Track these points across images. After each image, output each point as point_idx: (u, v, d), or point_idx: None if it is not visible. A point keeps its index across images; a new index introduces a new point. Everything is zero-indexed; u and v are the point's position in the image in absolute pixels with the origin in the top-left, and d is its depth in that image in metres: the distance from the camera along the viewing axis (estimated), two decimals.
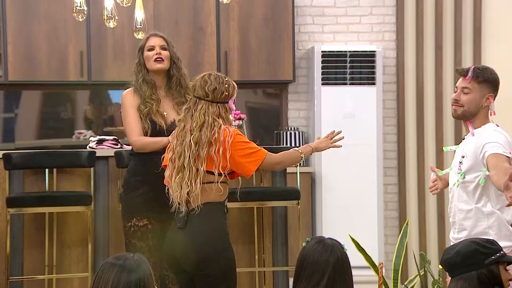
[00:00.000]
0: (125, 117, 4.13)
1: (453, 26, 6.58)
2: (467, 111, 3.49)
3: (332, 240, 2.93)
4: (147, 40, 4.18)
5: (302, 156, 3.66)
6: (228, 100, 3.53)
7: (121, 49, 6.21)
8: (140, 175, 4.07)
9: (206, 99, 3.50)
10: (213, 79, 3.53)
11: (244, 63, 6.40)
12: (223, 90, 3.51)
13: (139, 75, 4.12)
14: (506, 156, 3.27)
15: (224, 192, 3.50)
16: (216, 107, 3.50)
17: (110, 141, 5.31)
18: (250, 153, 3.47)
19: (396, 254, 4.79)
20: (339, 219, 6.25)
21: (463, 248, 2.69)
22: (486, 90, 3.47)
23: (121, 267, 2.38)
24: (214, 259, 3.41)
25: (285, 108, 6.78)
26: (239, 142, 3.46)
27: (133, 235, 4.03)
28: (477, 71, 3.49)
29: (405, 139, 6.58)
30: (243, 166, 3.47)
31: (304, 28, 6.71)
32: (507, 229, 3.39)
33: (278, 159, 3.59)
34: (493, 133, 3.41)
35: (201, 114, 3.47)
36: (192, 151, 3.44)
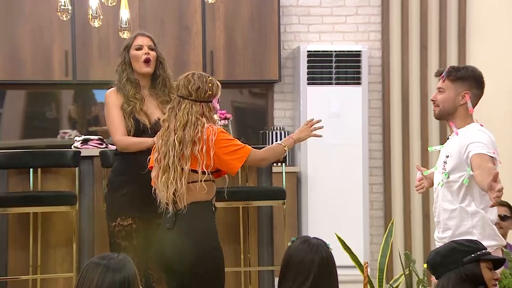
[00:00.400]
0: (108, 116, 4.11)
1: (438, 26, 6.61)
2: (443, 110, 3.51)
3: (317, 240, 2.94)
4: (134, 39, 4.15)
5: (286, 149, 3.65)
6: (211, 99, 3.53)
7: (106, 48, 6.19)
8: (124, 175, 4.06)
9: (190, 98, 3.49)
10: (197, 78, 3.52)
11: (230, 63, 6.40)
12: (207, 89, 3.51)
13: (123, 74, 4.10)
14: (490, 156, 3.28)
15: (210, 191, 3.49)
16: (200, 106, 3.50)
17: (95, 140, 5.30)
18: (234, 150, 3.47)
19: (381, 253, 4.80)
20: (325, 218, 6.26)
21: (442, 248, 2.71)
22: (461, 88, 3.48)
23: (106, 267, 2.37)
24: (203, 258, 3.40)
25: (271, 108, 6.78)
26: (223, 139, 3.46)
27: (117, 235, 4.02)
28: (451, 70, 3.50)
29: (390, 138, 6.60)
30: (228, 163, 3.47)
31: (290, 27, 6.72)
32: (491, 228, 3.41)
33: (263, 155, 3.59)
34: (477, 133, 3.42)
35: (184, 113, 3.47)
36: (176, 151, 3.43)
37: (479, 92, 3.52)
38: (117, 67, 4.17)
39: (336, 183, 6.32)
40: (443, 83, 3.51)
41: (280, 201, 5.11)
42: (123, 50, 4.15)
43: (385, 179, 6.62)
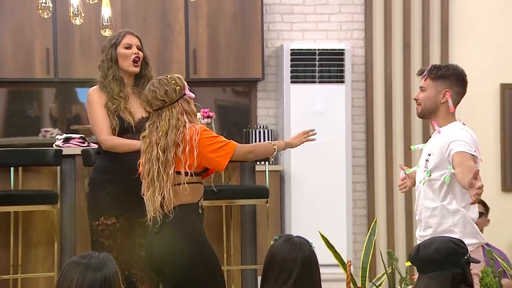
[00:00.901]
0: (92, 115, 4.07)
1: (421, 24, 6.64)
2: (425, 109, 3.53)
3: (300, 238, 2.94)
4: (123, 37, 4.09)
5: (275, 148, 3.64)
6: (184, 92, 3.50)
7: (88, 46, 6.16)
8: (107, 174, 4.04)
9: (166, 105, 3.47)
10: (158, 85, 3.49)
11: (213, 61, 6.39)
12: (174, 87, 3.48)
13: (109, 71, 4.05)
14: (471, 154, 3.30)
15: (196, 192, 3.48)
16: (179, 105, 3.48)
17: (77, 139, 5.27)
18: (219, 147, 3.44)
19: (364, 252, 4.81)
20: (308, 217, 6.27)
21: (443, 245, 2.66)
22: (442, 86, 3.49)
23: (86, 265, 2.36)
24: (191, 262, 3.40)
25: (254, 106, 6.78)
26: (207, 138, 3.44)
27: (101, 234, 4.01)
28: (432, 68, 3.52)
29: (373, 137, 6.62)
30: (214, 161, 3.45)
31: (273, 26, 6.72)
32: (472, 226, 3.43)
33: (250, 148, 3.58)
34: (459, 131, 3.44)
35: (165, 121, 3.45)
36: (160, 162, 3.41)
37: (460, 90, 3.53)
38: (100, 63, 4.11)
39: (319, 181, 6.33)
40: (425, 81, 3.53)
41: (263, 199, 5.11)
42: (109, 46, 4.08)
43: (368, 177, 6.64)
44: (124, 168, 3.85)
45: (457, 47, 6.68)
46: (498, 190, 6.72)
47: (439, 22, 6.66)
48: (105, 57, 4.09)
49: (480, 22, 6.73)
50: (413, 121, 6.60)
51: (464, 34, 6.71)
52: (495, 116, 6.74)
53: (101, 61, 4.12)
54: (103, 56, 4.11)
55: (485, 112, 6.67)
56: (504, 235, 6.61)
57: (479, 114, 6.47)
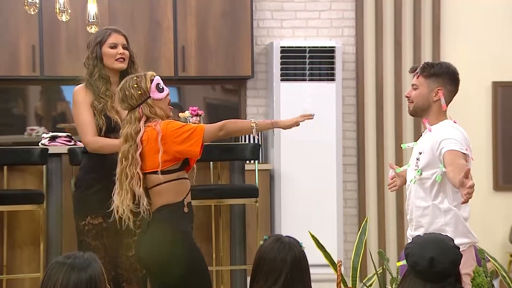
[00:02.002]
0: (77, 115, 4.05)
1: (413, 21, 6.65)
2: (417, 107, 3.53)
3: (289, 238, 2.94)
4: (108, 35, 4.06)
5: (254, 125, 3.50)
6: (148, 95, 3.43)
7: (74, 43, 6.14)
8: (94, 173, 4.04)
9: (129, 109, 3.46)
10: (119, 90, 3.47)
11: (202, 59, 6.38)
12: (133, 92, 3.42)
13: (94, 70, 4.03)
14: (462, 152, 3.30)
15: (180, 190, 3.46)
16: (139, 111, 3.43)
17: (63, 137, 5.25)
18: (187, 136, 3.38)
19: (355, 251, 4.81)
20: (298, 216, 6.27)
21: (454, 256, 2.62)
22: (434, 84, 3.50)
23: (71, 266, 2.35)
24: (177, 262, 3.40)
25: (244, 104, 6.78)
26: (172, 131, 3.39)
27: (87, 234, 4.00)
28: (425, 66, 3.53)
29: (364, 136, 6.63)
30: (187, 151, 3.40)
31: (263, 23, 6.71)
32: (463, 225, 3.43)
33: (219, 125, 3.47)
34: (450, 129, 3.44)
35: (127, 127, 3.44)
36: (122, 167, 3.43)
37: (453, 89, 3.54)
38: (86, 60, 4.09)
39: (309, 180, 6.33)
40: (417, 79, 3.53)
41: (252, 199, 5.10)
42: (95, 44, 4.05)
43: (359, 176, 6.64)
44: (111, 167, 3.83)
45: (448, 45, 6.70)
46: (489, 189, 6.74)
47: (431, 19, 6.67)
48: (90, 55, 4.07)
49: (472, 19, 6.75)
50: (405, 120, 6.61)
51: (456, 31, 6.73)
52: (487, 114, 6.76)
53: (86, 58, 4.09)
54: (88, 52, 4.09)
55: (477, 110, 6.68)
56: (496, 234, 6.63)
57: (471, 112, 6.49)
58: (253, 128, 3.51)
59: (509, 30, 6.76)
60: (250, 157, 5.38)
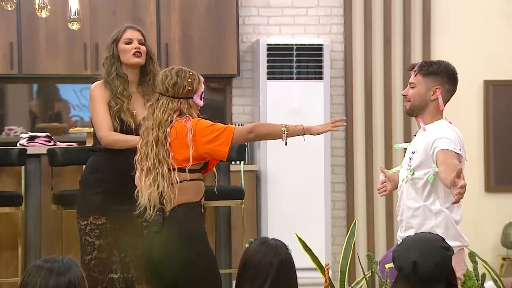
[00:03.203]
0: (94, 111, 4.05)
1: (402, 18, 6.67)
2: (414, 105, 3.54)
3: (276, 241, 2.94)
4: (123, 32, 4.10)
5: (284, 130, 3.53)
6: (192, 95, 3.49)
7: (54, 40, 6.11)
8: (100, 173, 4.04)
9: (167, 94, 3.47)
10: (174, 73, 3.49)
11: (186, 56, 6.37)
12: (185, 85, 3.46)
13: (112, 69, 4.05)
14: (455, 152, 3.32)
15: (199, 190, 3.49)
16: (177, 103, 3.46)
17: (42, 138, 5.24)
18: (217, 135, 3.42)
19: (343, 255, 4.82)
20: (285, 219, 6.27)
21: (440, 260, 2.60)
22: (433, 83, 3.52)
23: (49, 270, 2.34)
24: (192, 262, 3.40)
25: (229, 104, 6.78)
26: (202, 129, 3.43)
27: (89, 233, 4.01)
28: (423, 64, 3.55)
29: (353, 135, 6.64)
30: (215, 150, 3.43)
31: (249, 20, 6.71)
32: (455, 228, 3.44)
33: (250, 128, 3.52)
34: (445, 129, 3.46)
35: (160, 111, 3.46)
36: (155, 152, 3.43)
37: (451, 88, 3.57)
38: (104, 60, 4.12)
39: (297, 181, 6.34)
40: (415, 77, 3.55)
41: (238, 200, 5.11)
42: (110, 43, 4.10)
43: (347, 177, 6.66)
44: (118, 168, 3.88)
45: (439, 42, 6.72)
46: (481, 191, 6.76)
47: (421, 16, 6.69)
48: (107, 54, 4.11)
49: (463, 16, 6.77)
50: (394, 119, 6.62)
51: (447, 29, 6.75)
52: (478, 114, 6.79)
53: (104, 59, 4.13)
54: (107, 53, 4.12)
55: (468, 109, 6.71)
56: (488, 237, 6.66)
57: (462, 112, 6.51)
58: (284, 133, 3.55)
59: (501, 28, 6.79)
60: (236, 158, 5.39)
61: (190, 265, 3.40)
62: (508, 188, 6.77)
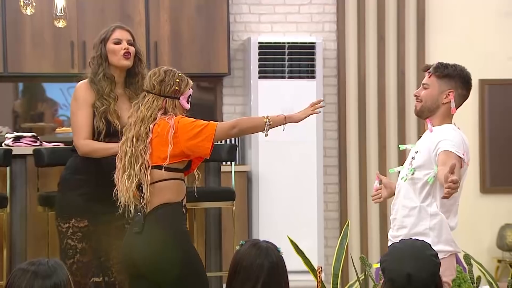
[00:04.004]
0: (75, 113, 4.02)
1: (396, 16, 6.68)
2: (425, 107, 3.56)
3: (267, 243, 2.94)
4: (112, 32, 4.09)
5: (267, 121, 3.56)
6: (178, 96, 3.51)
7: (40, 38, 6.10)
8: (82, 174, 4.02)
9: (153, 91, 3.50)
10: (163, 71, 3.53)
11: (176, 55, 6.37)
12: (172, 84, 3.49)
13: (99, 69, 4.03)
14: (457, 155, 3.34)
15: (180, 190, 3.49)
16: (163, 102, 3.49)
17: (28, 138, 5.23)
18: (199, 131, 3.44)
19: (335, 257, 4.82)
20: (277, 220, 6.28)
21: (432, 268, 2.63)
22: (447, 86, 3.54)
23: (34, 273, 2.34)
24: (174, 263, 3.41)
25: (220, 103, 6.78)
26: (184, 125, 3.44)
27: (71, 237, 3.99)
28: (438, 66, 3.56)
29: (346, 135, 6.65)
30: (197, 147, 3.44)
31: (240, 17, 6.71)
32: (448, 233, 3.45)
33: (233, 123, 3.55)
34: (451, 131, 3.49)
35: (145, 108, 3.48)
36: (134, 147, 3.44)
37: (464, 93, 3.60)
38: (91, 60, 4.10)
39: (288, 183, 6.34)
40: (429, 78, 3.57)
41: (229, 202, 5.12)
42: (98, 42, 4.07)
43: (340, 178, 6.66)
44: (100, 168, 3.87)
45: (434, 40, 6.74)
46: (476, 192, 6.78)
47: (415, 14, 6.70)
48: (95, 54, 4.08)
49: (458, 13, 6.79)
50: (388, 119, 6.63)
51: (442, 26, 6.77)
52: (474, 113, 6.80)
53: (91, 58, 4.11)
54: (93, 52, 4.10)
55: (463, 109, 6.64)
56: (483, 239, 6.68)
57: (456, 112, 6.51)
58: (266, 124, 3.56)
59: (496, 25, 6.81)
60: (226, 158, 5.39)
61: (172, 265, 3.40)
62: (504, 189, 6.79)
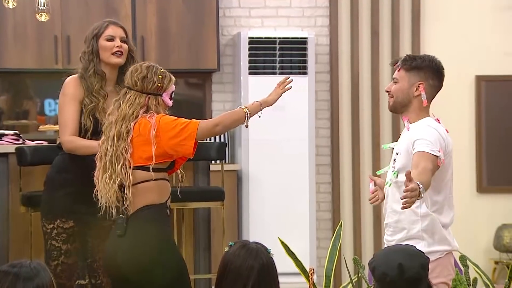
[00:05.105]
0: (62, 108, 4.02)
1: (391, 10, 6.69)
2: (397, 102, 3.55)
3: (257, 244, 2.95)
4: (105, 28, 4.07)
5: (246, 111, 3.58)
6: (161, 92, 3.51)
7: (22, 32, 6.09)
8: (68, 172, 4.02)
9: (135, 88, 3.49)
10: (145, 67, 3.52)
11: (163, 50, 6.37)
12: (155, 80, 3.49)
13: (89, 65, 4.02)
14: (432, 154, 3.32)
15: (164, 191, 3.49)
16: (145, 99, 3.48)
17: (10, 136, 5.22)
18: (180, 129, 3.44)
19: (328, 259, 4.83)
20: (268, 221, 6.28)
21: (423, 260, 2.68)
22: (416, 78, 3.52)
23: (16, 275, 2.35)
24: (157, 266, 3.41)
25: (209, 100, 6.78)
26: (165, 124, 3.44)
27: (56, 238, 3.99)
28: (406, 59, 3.56)
29: (339, 133, 6.66)
30: (180, 146, 3.44)
31: (229, 11, 6.71)
32: (442, 232, 3.46)
33: (215, 121, 3.56)
34: (426, 128, 3.46)
35: (126, 105, 3.48)
36: (115, 146, 3.44)
37: (436, 84, 3.56)
38: (81, 54, 4.08)
39: (280, 182, 6.35)
40: (398, 72, 3.56)
41: (218, 202, 5.11)
42: (91, 38, 4.06)
43: (333, 177, 6.67)
44: (87, 167, 3.83)
45: (429, 35, 6.75)
46: (473, 191, 6.80)
47: (410, 8, 6.71)
48: (86, 49, 4.07)
49: (454, 8, 6.80)
50: (382, 116, 6.65)
51: (437, 21, 6.78)
52: (470, 111, 6.82)
53: (82, 53, 4.09)
54: (85, 47, 4.08)
55: (459, 106, 6.74)
56: (480, 240, 6.70)
57: (452, 109, 6.54)
58: (247, 115, 3.59)
59: (493, 20, 6.82)
60: (216, 157, 5.38)
61: (155, 268, 3.40)
62: (501, 189, 6.82)
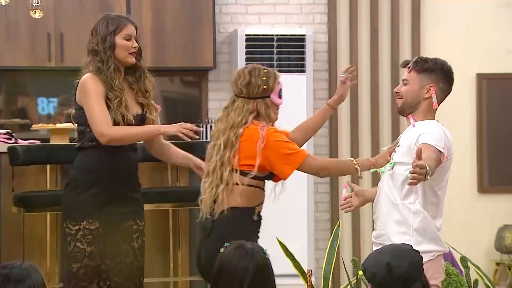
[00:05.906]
0: (93, 104, 3.95)
1: (390, 7, 6.69)
2: (406, 103, 3.59)
3: (252, 245, 2.95)
4: (124, 26, 4.06)
5: (357, 168, 3.65)
6: (268, 94, 3.58)
7: (15, 30, 6.09)
8: (93, 173, 4.00)
9: (242, 95, 3.56)
10: (247, 72, 3.59)
11: (159, 48, 6.37)
12: (259, 84, 3.56)
13: (109, 61, 4.00)
14: (437, 149, 3.36)
15: (255, 197, 3.62)
16: (253, 104, 3.56)
17: (2, 135, 5.23)
18: (287, 154, 3.56)
19: (326, 260, 4.84)
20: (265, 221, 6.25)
21: (414, 258, 2.69)
22: (427, 80, 3.57)
23: (7, 277, 2.35)
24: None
25: (205, 99, 6.78)
26: (276, 141, 3.54)
27: (81, 240, 3.98)
28: (418, 60, 3.59)
29: (338, 132, 6.67)
30: (279, 168, 3.57)
31: (226, 8, 6.72)
32: (433, 231, 3.48)
33: (323, 164, 3.68)
34: (432, 126, 3.51)
35: (235, 113, 3.56)
36: (220, 155, 3.53)
37: (446, 87, 3.63)
38: (95, 47, 4.01)
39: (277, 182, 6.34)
40: (409, 74, 3.60)
41: None
42: (108, 32, 4.02)
43: (331, 178, 6.68)
44: (112, 167, 3.90)
45: (429, 33, 6.75)
46: (474, 191, 6.81)
47: (410, 5, 6.72)
48: (101, 43, 4.02)
49: (455, 5, 6.81)
50: (382, 115, 6.65)
51: (438, 18, 6.79)
52: (471, 109, 6.83)
53: (95, 45, 4.03)
54: (97, 39, 4.02)
55: (460, 105, 6.75)
56: (481, 241, 6.70)
57: (453, 108, 6.53)
58: (358, 170, 3.67)
59: (495, 18, 6.83)
60: None
61: None
62: (503, 189, 6.83)
